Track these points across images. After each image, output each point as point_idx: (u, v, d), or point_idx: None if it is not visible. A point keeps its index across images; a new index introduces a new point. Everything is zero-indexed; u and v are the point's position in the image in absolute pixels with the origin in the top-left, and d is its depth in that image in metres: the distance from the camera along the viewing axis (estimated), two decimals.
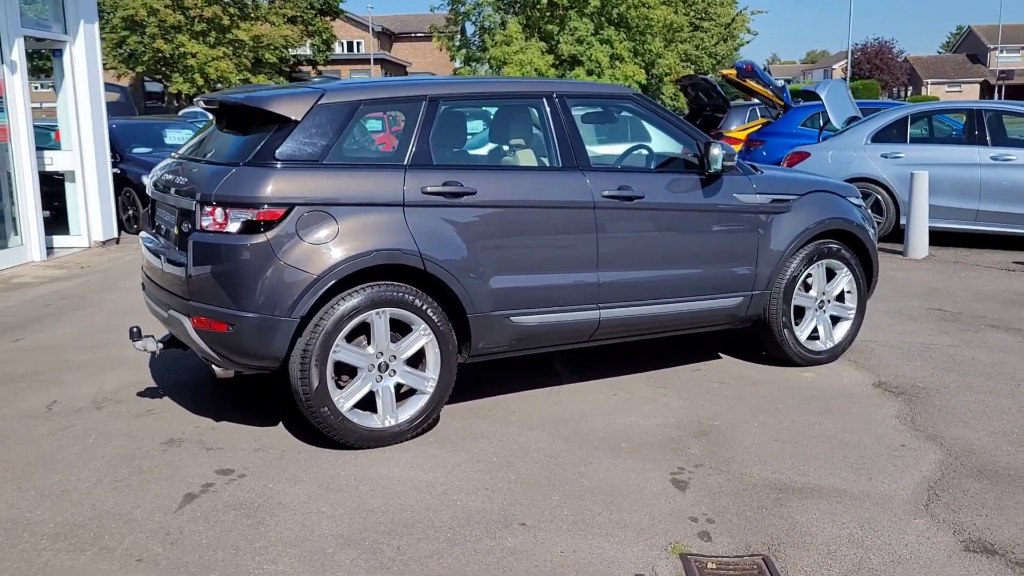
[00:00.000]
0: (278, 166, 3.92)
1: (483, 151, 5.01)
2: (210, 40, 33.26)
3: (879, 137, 9.83)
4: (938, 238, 9.62)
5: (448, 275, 4.12)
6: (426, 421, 4.21)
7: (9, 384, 5.05)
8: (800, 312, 5.30)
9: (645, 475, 3.85)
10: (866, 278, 5.48)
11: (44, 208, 10.13)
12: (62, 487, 3.69)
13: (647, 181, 4.75)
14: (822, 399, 4.80)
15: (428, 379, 4.19)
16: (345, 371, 4.06)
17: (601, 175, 4.60)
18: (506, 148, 4.93)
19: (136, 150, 11.78)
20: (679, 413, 4.60)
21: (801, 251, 5.16)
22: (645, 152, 5.36)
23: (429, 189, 4.11)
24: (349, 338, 4.02)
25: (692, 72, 38.24)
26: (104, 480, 3.76)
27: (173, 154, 4.69)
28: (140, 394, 4.85)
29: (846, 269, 5.36)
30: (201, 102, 4.57)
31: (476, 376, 5.01)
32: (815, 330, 5.36)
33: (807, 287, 5.30)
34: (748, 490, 3.70)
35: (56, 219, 10.17)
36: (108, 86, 17.05)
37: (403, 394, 4.21)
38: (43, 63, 16.15)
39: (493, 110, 5.20)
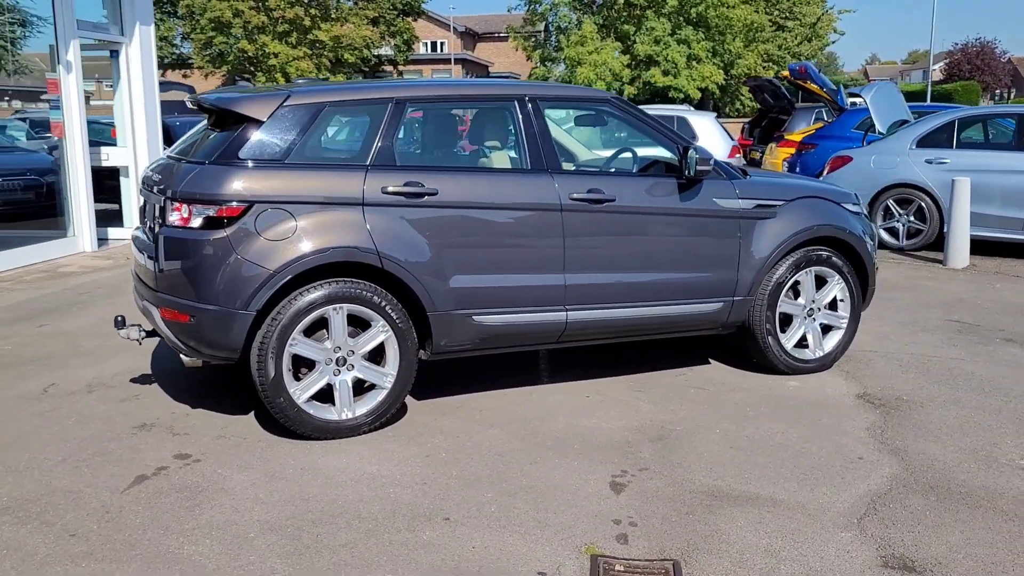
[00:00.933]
0: (242, 164, 4.08)
1: (450, 152, 5.09)
2: (292, 40, 34.19)
3: (924, 142, 9.51)
4: (986, 248, 9.27)
5: (407, 273, 4.21)
6: (384, 415, 4.31)
7: (19, 367, 5.36)
8: (788, 319, 5.21)
9: (586, 476, 3.87)
10: (861, 287, 5.35)
11: (111, 202, 10.67)
12: (28, 464, 3.92)
13: (620, 184, 4.75)
14: (797, 408, 4.72)
15: (387, 375, 4.29)
16: (304, 364, 4.20)
17: (571, 178, 4.62)
18: (474, 150, 4.99)
19: None
20: (645, 417, 4.59)
21: (788, 257, 5.07)
22: (630, 155, 5.35)
23: (390, 189, 4.21)
24: (309, 332, 4.15)
25: (774, 74, 37.44)
26: (68, 460, 3.98)
27: (166, 153, 4.91)
28: (133, 380, 5.09)
29: (838, 277, 5.24)
30: (188, 102, 4.78)
31: (453, 373, 5.10)
32: (803, 338, 5.26)
33: (796, 294, 5.21)
34: (683, 495, 3.69)
35: (121, 212, 10.66)
36: (178, 85, 17.86)
37: (366, 388, 4.33)
38: None
39: (462, 113, 5.28)
